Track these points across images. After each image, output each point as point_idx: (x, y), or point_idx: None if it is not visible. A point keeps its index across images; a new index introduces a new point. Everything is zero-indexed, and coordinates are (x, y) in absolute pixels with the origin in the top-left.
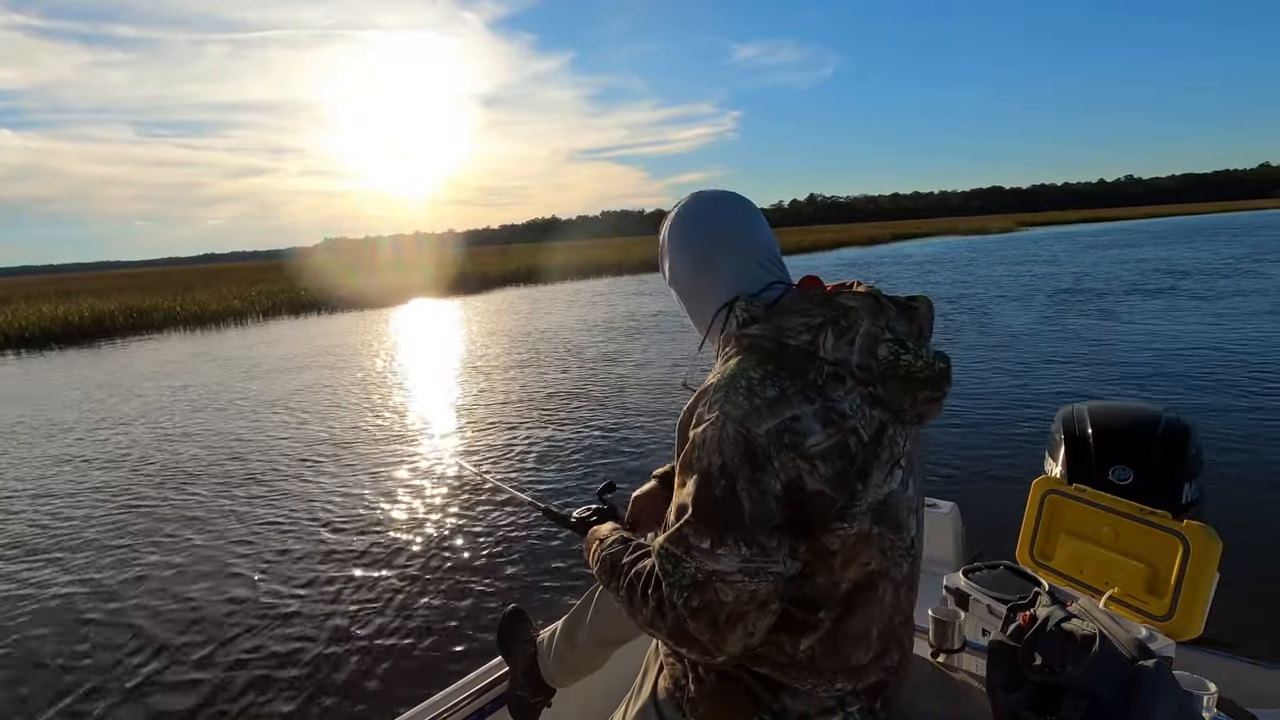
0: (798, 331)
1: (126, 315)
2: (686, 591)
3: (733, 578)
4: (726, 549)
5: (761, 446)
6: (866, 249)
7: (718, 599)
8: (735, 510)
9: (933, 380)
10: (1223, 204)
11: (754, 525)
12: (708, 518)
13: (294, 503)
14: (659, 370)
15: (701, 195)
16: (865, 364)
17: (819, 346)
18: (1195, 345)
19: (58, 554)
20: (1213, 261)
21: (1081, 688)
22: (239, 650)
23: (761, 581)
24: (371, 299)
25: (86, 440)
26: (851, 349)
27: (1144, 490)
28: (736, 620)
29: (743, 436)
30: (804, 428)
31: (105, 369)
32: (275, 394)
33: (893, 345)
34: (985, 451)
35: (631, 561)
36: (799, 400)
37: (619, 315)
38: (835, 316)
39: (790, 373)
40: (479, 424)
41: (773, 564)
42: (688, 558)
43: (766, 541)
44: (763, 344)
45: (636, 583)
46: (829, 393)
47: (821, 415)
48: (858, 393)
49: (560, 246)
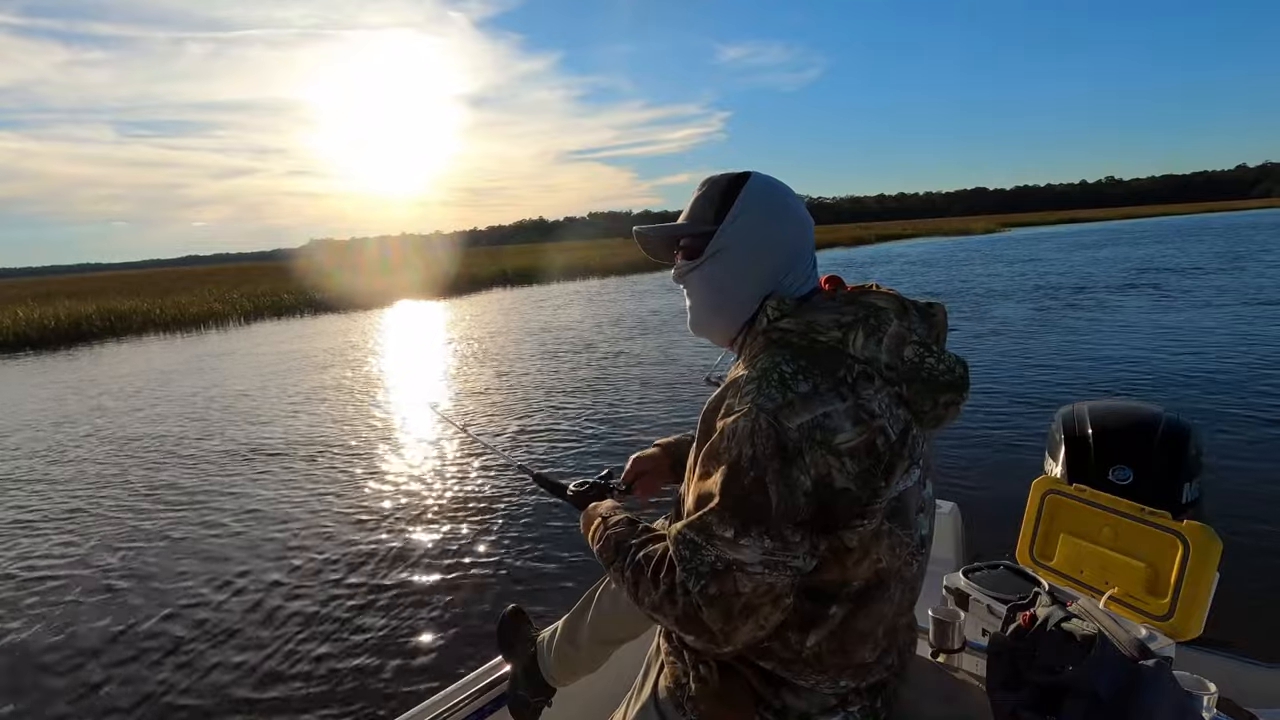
0: (829, 328)
1: (104, 318)
2: (704, 579)
3: (753, 569)
4: (750, 540)
5: (794, 441)
6: (852, 249)
7: (735, 589)
8: (763, 502)
9: (954, 384)
10: (1203, 204)
11: (780, 519)
12: (734, 508)
13: (288, 501)
14: (658, 365)
15: (771, 177)
16: (893, 364)
17: (849, 344)
18: (1195, 345)
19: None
20: (1205, 261)
21: (1081, 688)
22: (237, 651)
23: (781, 575)
24: (357, 301)
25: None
26: (880, 349)
27: (1144, 490)
28: (750, 612)
29: (775, 430)
30: (835, 424)
31: (79, 374)
32: (238, 393)
33: (918, 348)
34: (985, 451)
35: (640, 543)
36: (831, 397)
37: (620, 313)
38: (866, 315)
39: (822, 369)
40: (471, 418)
41: (793, 559)
42: (709, 545)
43: (790, 536)
44: (793, 339)
45: (645, 565)
46: (860, 391)
47: (852, 413)
48: (886, 392)
49: (549, 248)
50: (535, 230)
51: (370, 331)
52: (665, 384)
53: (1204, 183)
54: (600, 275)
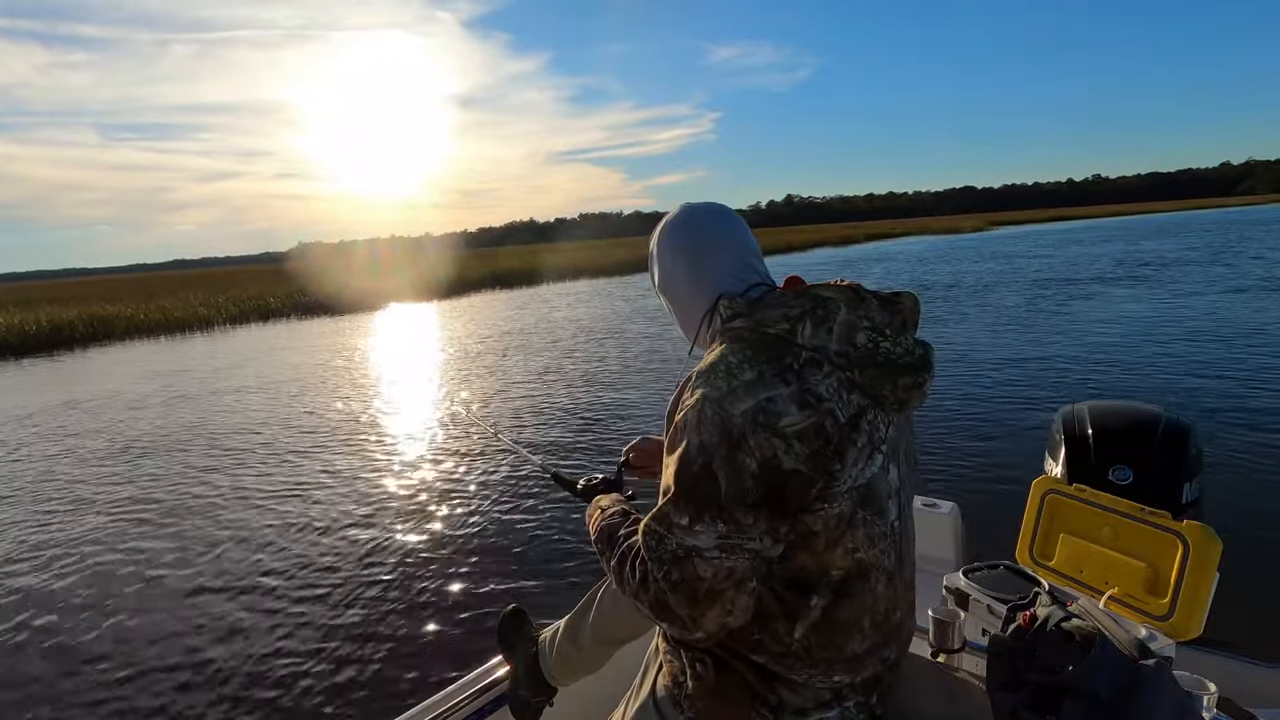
0: (776, 321)
1: (87, 324)
2: (666, 566)
3: (710, 554)
4: (704, 525)
5: (738, 426)
6: (841, 249)
7: (696, 574)
8: (711, 487)
9: (913, 366)
10: (1188, 202)
11: (730, 502)
12: (686, 495)
13: (283, 500)
14: (657, 362)
15: (689, 205)
16: (843, 350)
17: (797, 334)
18: (1195, 345)
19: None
20: (1200, 257)
21: (1081, 688)
22: (236, 651)
23: (738, 558)
24: (346, 304)
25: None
26: (829, 336)
27: (1144, 490)
28: (714, 597)
29: (720, 417)
30: (779, 409)
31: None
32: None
33: (871, 334)
34: (985, 451)
35: (626, 534)
36: (775, 382)
37: (617, 313)
38: (813, 307)
39: (767, 357)
40: (468, 413)
41: (749, 541)
42: (669, 534)
43: (743, 519)
44: (743, 334)
45: (628, 555)
46: (806, 376)
47: (797, 397)
48: (836, 377)
49: (541, 249)
50: (526, 232)
51: (361, 333)
52: (659, 380)
53: (1189, 180)
54: (590, 276)
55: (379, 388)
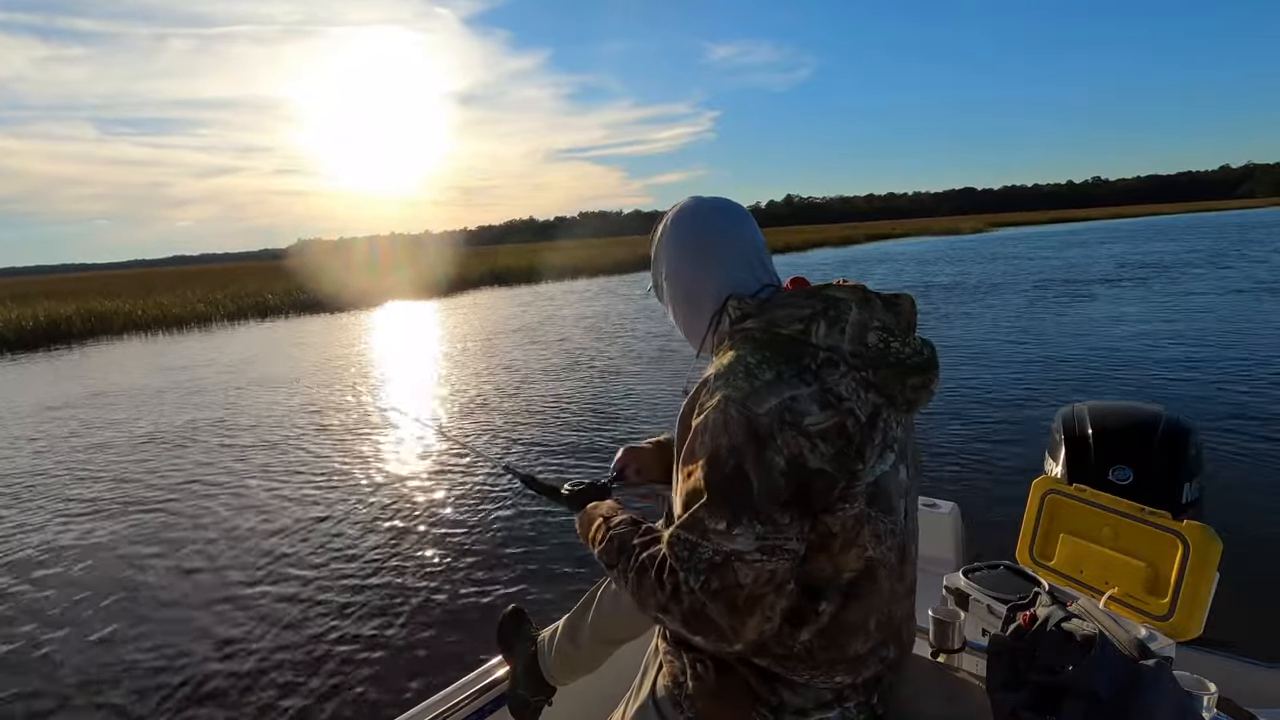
0: (789, 322)
1: (84, 320)
2: (704, 574)
3: (751, 556)
4: (742, 528)
5: (764, 425)
6: (841, 249)
7: (736, 580)
8: (745, 488)
9: (921, 367)
10: (1188, 204)
11: (765, 501)
12: (720, 498)
13: (283, 500)
14: (650, 364)
15: (698, 198)
16: (857, 351)
17: (811, 334)
18: (1195, 344)
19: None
20: (1200, 259)
21: (1081, 688)
22: (235, 651)
23: (779, 560)
24: (345, 302)
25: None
26: (842, 337)
27: (1144, 490)
28: (755, 602)
29: (745, 416)
30: (802, 408)
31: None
32: (220, 393)
33: (881, 334)
34: (985, 451)
35: (643, 544)
36: (796, 382)
37: (616, 312)
38: (825, 308)
39: (785, 358)
40: (464, 417)
41: (788, 541)
42: (704, 541)
43: (779, 518)
44: (755, 335)
45: (649, 566)
46: (824, 376)
47: (818, 397)
48: (852, 377)
49: (541, 248)
50: (526, 230)
51: (360, 331)
52: (660, 382)
53: (1188, 183)
54: (590, 275)
55: (379, 388)
